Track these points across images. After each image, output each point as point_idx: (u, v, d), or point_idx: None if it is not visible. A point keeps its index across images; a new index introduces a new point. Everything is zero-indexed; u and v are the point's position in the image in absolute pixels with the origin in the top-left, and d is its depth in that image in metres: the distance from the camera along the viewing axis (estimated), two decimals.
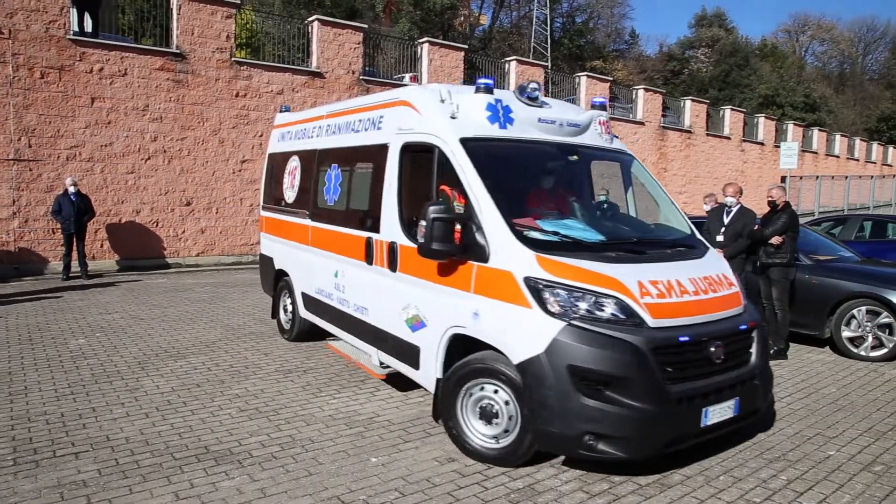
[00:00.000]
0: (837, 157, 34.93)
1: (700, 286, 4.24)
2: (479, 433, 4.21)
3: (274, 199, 7.66)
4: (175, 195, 13.54)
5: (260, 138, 14.37)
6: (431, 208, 4.12)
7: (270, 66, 14.83)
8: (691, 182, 25.09)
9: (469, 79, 18.08)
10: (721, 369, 4.07)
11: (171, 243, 13.57)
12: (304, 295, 6.84)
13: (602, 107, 5.49)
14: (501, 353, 4.05)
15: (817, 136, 33.29)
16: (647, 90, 24.02)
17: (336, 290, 6.04)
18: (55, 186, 12.08)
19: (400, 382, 5.62)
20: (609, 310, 3.83)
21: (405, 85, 16.44)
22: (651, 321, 3.85)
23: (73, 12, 12.61)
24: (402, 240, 4.91)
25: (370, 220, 5.39)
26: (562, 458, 4.25)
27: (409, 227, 4.85)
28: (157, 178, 13.33)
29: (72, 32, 12.36)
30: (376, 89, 15.39)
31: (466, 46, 20.19)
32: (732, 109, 28.40)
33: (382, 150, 5.24)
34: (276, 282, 7.57)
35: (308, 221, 6.65)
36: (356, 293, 5.66)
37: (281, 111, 7.79)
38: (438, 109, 4.69)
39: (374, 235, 5.30)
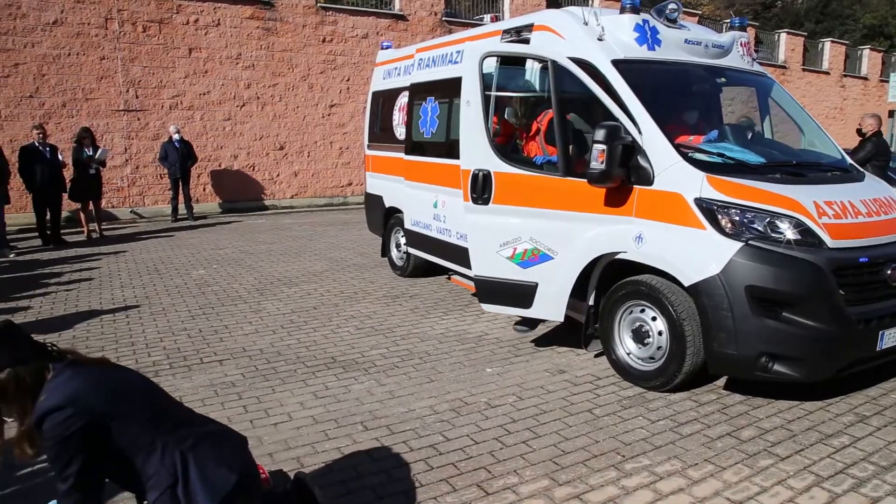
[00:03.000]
0: None
1: (871, 208, 4.14)
2: (633, 354, 4.30)
3: (381, 136, 7.68)
4: (269, 140, 14.11)
5: (347, 82, 14.68)
6: (608, 132, 3.99)
7: (355, 10, 14.99)
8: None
9: None
10: None
11: (267, 186, 14.24)
12: (408, 231, 6.90)
13: (742, 27, 5.35)
14: (667, 277, 4.03)
15: None
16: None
17: (440, 222, 6.21)
18: (160, 134, 12.81)
19: None
20: (788, 230, 3.77)
21: (485, 25, 16.26)
22: (830, 241, 3.78)
23: None
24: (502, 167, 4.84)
25: None
26: None
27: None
28: (252, 123, 13.90)
29: None
30: (458, 30, 15.28)
31: None
32: (833, 42, 26.49)
33: None
34: (387, 220, 7.62)
35: (430, 158, 6.49)
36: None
37: (382, 48, 7.90)
38: (583, 32, 4.60)
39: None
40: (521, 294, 4.65)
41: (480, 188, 4.64)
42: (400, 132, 7.14)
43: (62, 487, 2.04)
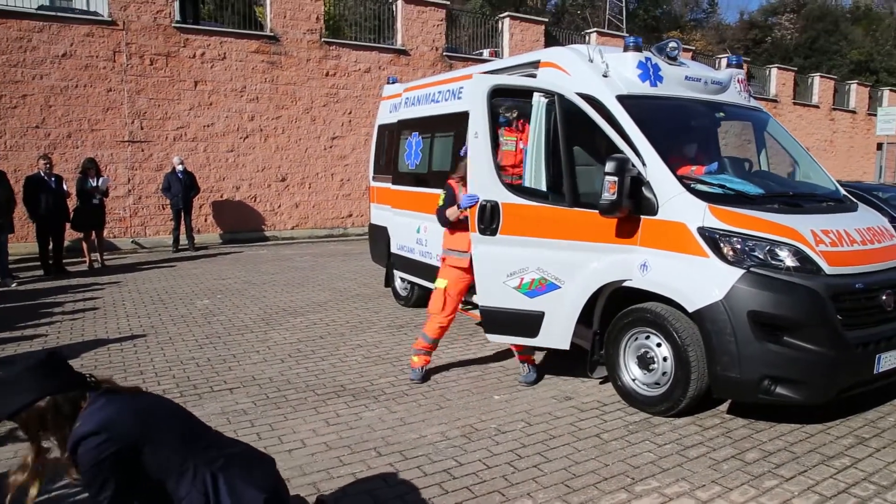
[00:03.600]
0: None
1: (865, 236, 4.32)
2: (638, 380, 4.40)
3: (387, 168, 7.86)
4: (271, 171, 14.30)
5: (349, 115, 14.94)
6: (619, 164, 4.10)
7: (358, 45, 15.33)
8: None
9: None
10: (893, 317, 4.13)
11: (268, 217, 14.38)
12: (394, 255, 7.29)
13: (739, 65, 5.60)
14: (670, 304, 4.16)
15: None
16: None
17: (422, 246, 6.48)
18: (164, 165, 12.97)
19: None
20: (787, 257, 3.92)
21: (486, 60, 16.61)
22: (828, 268, 3.93)
23: (176, 2, 13.45)
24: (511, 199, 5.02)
25: None
26: None
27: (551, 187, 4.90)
28: (255, 155, 14.10)
29: (175, 21, 13.20)
30: (459, 65, 15.64)
31: (547, 20, 20.12)
32: (822, 77, 27.10)
33: None
34: (390, 250, 7.71)
35: (413, 188, 6.97)
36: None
37: (388, 83, 8.14)
38: (588, 69, 4.81)
39: None
40: (528, 323, 4.69)
41: (488, 219, 4.68)
42: (406, 164, 7.33)
43: None
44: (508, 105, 5.87)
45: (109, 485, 2.07)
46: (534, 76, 5.38)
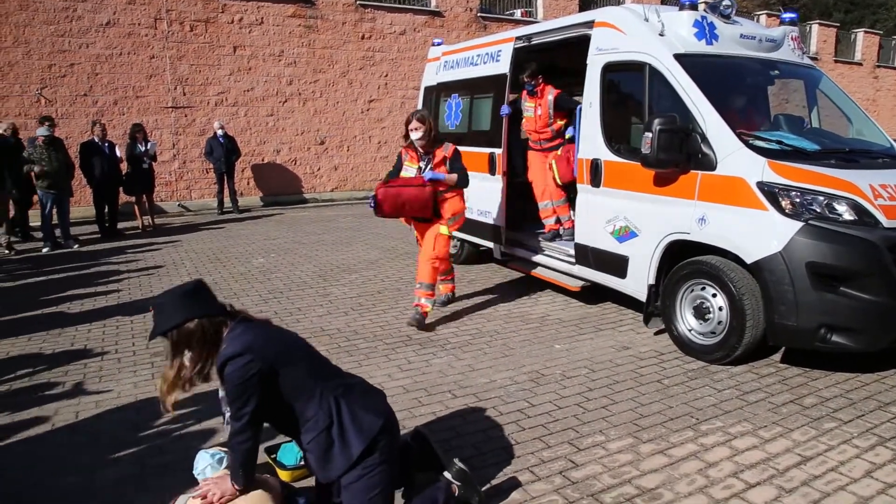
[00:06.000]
0: None
1: None
2: (694, 330, 4.61)
3: (443, 130, 7.93)
4: (310, 135, 14.51)
5: (385, 78, 15.03)
6: (658, 120, 4.37)
7: (393, 7, 15.31)
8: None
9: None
10: None
11: (308, 180, 14.65)
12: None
13: (793, 22, 5.66)
14: (728, 257, 4.34)
15: None
16: (769, 15, 22.68)
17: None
18: (206, 130, 13.25)
19: (560, 289, 6.15)
20: (845, 210, 4.03)
21: (519, 21, 16.50)
22: (885, 221, 4.03)
23: None
24: (606, 155, 5.24)
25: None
26: None
27: (612, 143, 5.21)
28: (294, 119, 14.30)
29: None
30: (493, 26, 15.60)
31: None
32: (866, 32, 26.26)
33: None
34: None
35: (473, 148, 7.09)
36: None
37: (434, 45, 8.24)
38: (645, 28, 4.95)
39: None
40: (618, 264, 5.18)
41: (595, 173, 5.30)
42: (452, 124, 7.54)
43: (237, 424, 2.39)
44: (532, 71, 6.23)
45: (252, 400, 2.35)
46: (588, 36, 5.48)
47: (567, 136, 6.42)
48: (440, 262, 5.45)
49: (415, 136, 5.21)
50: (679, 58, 4.74)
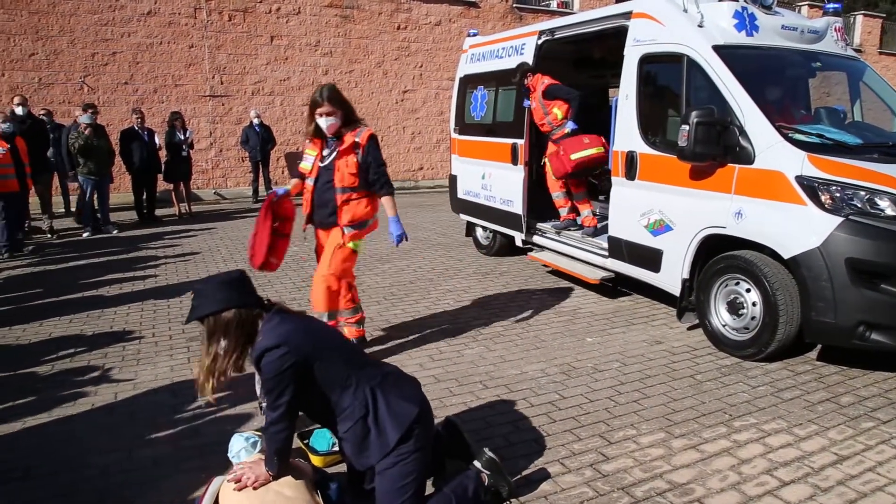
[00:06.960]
0: None
1: None
2: (728, 325, 4.57)
3: (469, 121, 8.00)
4: None
5: (420, 69, 15.04)
6: (695, 113, 4.31)
7: None
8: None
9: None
10: None
11: None
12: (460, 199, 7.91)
13: (836, 13, 5.51)
14: (765, 252, 4.27)
15: None
16: (811, 6, 22.07)
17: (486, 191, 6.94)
18: (243, 119, 13.43)
19: (590, 285, 6.12)
20: (888, 206, 3.93)
21: (555, 12, 16.35)
22: None
23: None
24: (641, 148, 5.18)
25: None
26: None
27: (648, 136, 5.16)
28: None
29: None
30: (529, 17, 15.48)
31: None
32: None
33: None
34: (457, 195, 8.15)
35: (478, 137, 7.52)
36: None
37: (469, 35, 8.23)
38: (684, 19, 4.87)
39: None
40: (651, 258, 5.14)
41: (630, 166, 5.26)
42: (488, 116, 7.56)
43: (273, 414, 2.44)
44: (522, 71, 6.44)
45: (288, 391, 2.39)
46: (625, 27, 5.42)
47: (567, 129, 6.25)
48: (336, 281, 4.18)
49: (324, 122, 4.04)
50: (718, 49, 4.65)
